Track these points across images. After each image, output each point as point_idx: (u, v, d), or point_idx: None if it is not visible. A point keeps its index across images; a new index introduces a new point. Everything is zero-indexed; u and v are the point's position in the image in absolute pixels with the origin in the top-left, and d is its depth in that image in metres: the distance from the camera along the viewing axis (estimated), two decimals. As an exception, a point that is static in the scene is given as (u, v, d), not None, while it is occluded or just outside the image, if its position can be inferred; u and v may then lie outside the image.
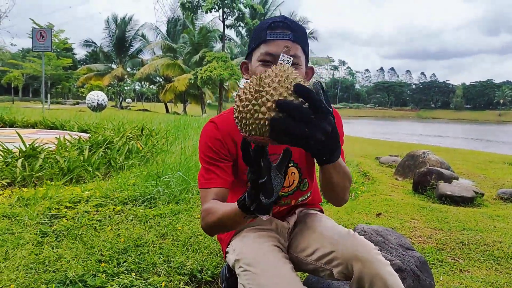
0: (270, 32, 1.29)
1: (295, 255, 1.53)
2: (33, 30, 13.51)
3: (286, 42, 1.27)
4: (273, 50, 1.28)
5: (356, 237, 1.41)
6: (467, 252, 2.88)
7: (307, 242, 1.50)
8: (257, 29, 1.36)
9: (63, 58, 41.91)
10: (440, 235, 3.19)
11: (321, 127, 0.82)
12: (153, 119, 11.52)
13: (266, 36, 1.30)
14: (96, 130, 7.64)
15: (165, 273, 2.07)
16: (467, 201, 4.50)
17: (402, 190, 5.24)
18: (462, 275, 2.51)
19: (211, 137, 1.44)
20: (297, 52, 1.30)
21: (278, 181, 0.96)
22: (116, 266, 2.08)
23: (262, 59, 1.31)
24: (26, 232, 2.47)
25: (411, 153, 6.58)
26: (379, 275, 1.27)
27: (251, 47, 1.38)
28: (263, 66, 1.31)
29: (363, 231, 2.19)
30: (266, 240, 1.50)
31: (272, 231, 1.57)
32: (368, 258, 1.30)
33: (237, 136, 1.45)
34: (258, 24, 1.39)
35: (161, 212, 3.01)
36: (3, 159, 4.30)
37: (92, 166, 4.49)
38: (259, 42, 1.32)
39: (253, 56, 1.36)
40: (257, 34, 1.34)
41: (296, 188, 1.53)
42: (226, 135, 1.44)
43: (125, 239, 2.45)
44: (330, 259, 1.39)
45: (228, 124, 1.45)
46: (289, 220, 1.62)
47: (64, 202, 3.10)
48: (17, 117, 9.99)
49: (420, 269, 1.90)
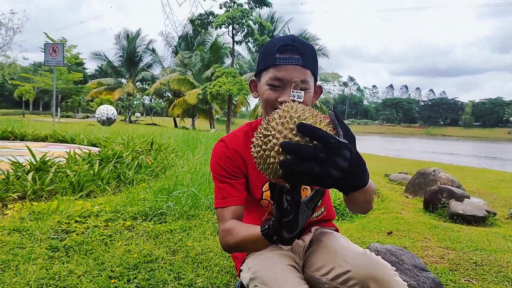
0: (279, 56, 1.29)
1: (310, 274, 1.51)
2: (46, 45, 13.72)
3: (295, 68, 1.28)
4: (282, 75, 1.29)
5: (373, 256, 1.39)
6: (480, 273, 2.83)
7: (323, 261, 1.49)
8: (267, 49, 1.35)
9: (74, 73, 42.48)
10: (453, 255, 3.14)
11: (334, 163, 0.78)
12: (162, 134, 11.57)
13: (276, 61, 1.29)
14: (105, 144, 7.69)
15: (175, 290, 2.06)
16: (479, 220, 4.43)
17: (412, 208, 5.19)
18: (477, 297, 2.46)
19: (221, 156, 1.47)
20: (306, 78, 1.30)
21: (305, 217, 0.96)
22: (127, 282, 2.07)
23: (270, 83, 1.32)
24: (37, 247, 2.47)
25: (421, 171, 6.53)
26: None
27: (260, 67, 1.38)
28: (271, 90, 1.32)
29: (376, 251, 2.16)
30: (282, 259, 1.49)
31: (288, 250, 1.56)
32: (385, 278, 1.28)
33: (245, 154, 1.47)
34: (267, 42, 1.37)
35: (171, 228, 3.00)
36: (14, 173, 4.32)
37: (102, 180, 4.50)
38: (268, 65, 1.32)
39: (262, 77, 1.37)
40: (266, 56, 1.33)
41: None
42: (235, 153, 1.47)
43: (136, 255, 2.43)
44: (346, 278, 1.37)
45: (236, 143, 1.49)
46: (305, 238, 1.61)
47: (75, 216, 3.10)
48: (28, 130, 10.09)
49: (435, 291, 1.86)
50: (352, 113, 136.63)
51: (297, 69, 1.28)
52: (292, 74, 1.28)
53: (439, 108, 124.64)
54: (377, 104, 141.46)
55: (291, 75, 1.28)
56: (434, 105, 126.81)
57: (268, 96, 1.34)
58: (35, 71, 55.24)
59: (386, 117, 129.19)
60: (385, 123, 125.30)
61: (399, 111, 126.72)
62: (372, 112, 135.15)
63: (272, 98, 1.33)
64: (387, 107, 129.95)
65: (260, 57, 1.37)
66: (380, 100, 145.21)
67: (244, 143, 1.49)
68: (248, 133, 1.52)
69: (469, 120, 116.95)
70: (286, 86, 1.29)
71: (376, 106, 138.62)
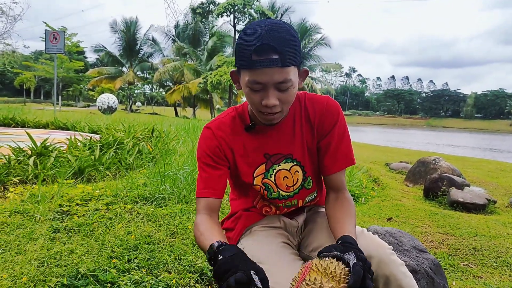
0: (256, 59, 1.17)
1: (307, 254, 1.51)
2: (46, 32, 13.64)
3: (274, 70, 1.18)
4: (261, 79, 1.20)
5: (370, 236, 1.39)
6: (480, 258, 2.84)
7: (319, 241, 1.48)
8: (241, 48, 1.21)
9: (75, 61, 42.37)
10: (452, 241, 3.15)
11: None
12: (163, 122, 11.56)
13: (252, 65, 1.18)
14: (107, 131, 7.68)
15: (175, 270, 2.07)
16: (479, 208, 4.44)
17: (413, 196, 5.20)
18: (475, 280, 2.48)
19: (208, 145, 1.44)
20: (287, 77, 1.21)
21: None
22: (127, 262, 2.08)
23: (250, 86, 1.24)
24: (38, 228, 2.48)
25: (422, 159, 6.53)
26: (393, 275, 1.25)
27: (237, 65, 1.27)
28: (253, 93, 1.26)
29: (375, 232, 2.17)
30: (276, 238, 1.50)
31: (281, 228, 1.56)
32: (382, 257, 1.28)
33: (232, 142, 1.45)
34: (242, 34, 1.23)
35: (171, 211, 3.01)
36: (15, 157, 4.33)
37: (103, 165, 4.51)
38: (245, 67, 1.22)
39: (241, 75, 1.27)
40: (242, 56, 1.21)
41: (300, 186, 1.51)
42: (222, 142, 1.44)
43: (136, 236, 2.45)
44: None
45: (223, 130, 1.45)
46: (298, 218, 1.61)
47: (76, 199, 3.11)
48: (29, 117, 10.09)
49: (434, 272, 1.87)
50: (353, 104, 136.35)
51: (276, 71, 1.18)
52: (271, 76, 1.19)
53: (440, 100, 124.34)
54: (378, 95, 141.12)
55: (270, 78, 1.19)
56: (435, 97, 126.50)
57: (251, 100, 1.28)
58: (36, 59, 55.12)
59: (387, 108, 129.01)
60: (386, 114, 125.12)
61: (401, 102, 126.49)
62: (374, 103, 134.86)
63: (256, 102, 1.27)
64: (389, 98, 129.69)
65: (236, 53, 1.25)
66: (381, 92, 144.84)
67: (232, 129, 1.46)
68: (235, 118, 1.48)
69: (470, 111, 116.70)
70: (268, 87, 1.22)
71: (378, 97, 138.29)
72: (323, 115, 1.44)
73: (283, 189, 1.50)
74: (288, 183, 1.49)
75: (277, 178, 1.48)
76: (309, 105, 1.45)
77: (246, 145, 1.46)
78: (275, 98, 1.24)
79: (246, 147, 1.46)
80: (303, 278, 1.05)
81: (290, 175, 1.48)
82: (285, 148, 1.46)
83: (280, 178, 1.48)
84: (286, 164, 1.47)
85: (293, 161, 1.47)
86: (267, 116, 1.30)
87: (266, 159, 1.46)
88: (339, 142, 1.44)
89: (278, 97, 1.24)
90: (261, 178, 1.48)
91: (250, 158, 1.46)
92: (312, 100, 1.46)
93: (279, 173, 1.47)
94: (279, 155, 1.46)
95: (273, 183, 1.48)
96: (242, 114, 1.47)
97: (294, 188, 1.51)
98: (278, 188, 1.49)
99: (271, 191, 1.50)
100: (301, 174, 1.49)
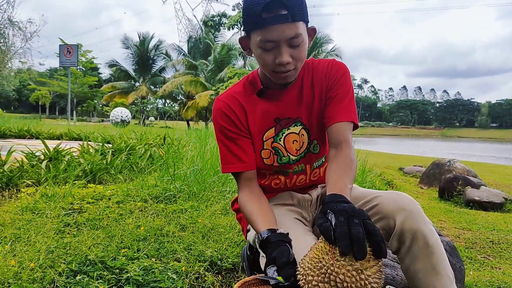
0: (266, 16, 1.19)
1: None
2: (61, 46, 13.91)
3: (284, 26, 1.20)
4: (272, 37, 1.22)
5: (401, 193, 1.38)
6: (498, 251, 2.77)
7: None
8: (250, 9, 1.22)
9: (89, 77, 42.99)
10: (469, 235, 3.07)
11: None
12: (175, 132, 11.62)
13: (263, 23, 1.20)
14: (119, 140, 7.72)
15: (185, 259, 2.04)
16: (496, 206, 4.34)
17: (427, 197, 5.11)
18: (493, 271, 2.40)
19: (223, 112, 1.45)
20: (298, 31, 1.23)
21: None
22: (136, 251, 2.06)
23: (262, 46, 1.25)
24: (49, 223, 2.48)
25: (436, 161, 6.44)
26: (421, 232, 1.23)
27: (246, 28, 1.29)
28: (265, 53, 1.27)
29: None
30: (288, 214, 1.48)
31: (293, 205, 1.54)
32: (413, 210, 1.26)
33: (245, 106, 1.46)
34: (247, 0, 1.24)
35: (182, 207, 2.99)
36: (28, 162, 4.37)
37: (114, 169, 4.52)
38: (255, 27, 1.24)
39: (251, 37, 1.29)
40: (251, 17, 1.23)
41: (306, 150, 1.50)
42: (235, 108, 1.45)
43: (145, 229, 2.43)
44: (373, 213, 1.35)
45: (235, 98, 1.47)
46: (312, 193, 1.58)
47: (87, 198, 3.11)
48: (43, 129, 10.21)
49: (450, 253, 1.81)
50: (365, 115, 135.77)
51: (287, 26, 1.20)
52: (283, 32, 1.21)
53: (454, 109, 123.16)
54: (391, 106, 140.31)
55: (282, 34, 1.21)
56: (449, 106, 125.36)
57: (264, 61, 1.29)
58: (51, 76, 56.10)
59: (400, 119, 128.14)
60: (399, 125, 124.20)
61: (414, 113, 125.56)
62: (386, 114, 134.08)
63: (269, 62, 1.28)
64: (401, 108, 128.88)
65: (244, 15, 1.27)
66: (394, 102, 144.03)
67: (243, 96, 1.47)
68: (245, 85, 1.49)
69: (485, 121, 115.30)
70: (280, 44, 1.23)
71: (390, 108, 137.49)
72: (328, 73, 1.43)
73: (293, 153, 1.49)
74: (297, 147, 1.49)
75: (286, 142, 1.47)
76: (316, 67, 1.46)
77: (257, 110, 1.46)
78: (288, 55, 1.25)
79: (257, 112, 1.46)
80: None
81: (299, 138, 1.48)
82: (294, 112, 1.46)
83: (289, 141, 1.47)
84: (295, 128, 1.47)
85: (302, 125, 1.47)
86: (281, 74, 1.30)
87: (276, 123, 1.46)
88: (343, 96, 1.41)
89: (291, 54, 1.25)
90: (271, 142, 1.47)
91: (260, 122, 1.46)
92: (319, 63, 1.47)
93: (288, 137, 1.47)
94: (289, 119, 1.46)
95: (283, 146, 1.48)
96: (253, 80, 1.48)
97: (300, 152, 1.50)
98: (288, 152, 1.48)
99: (281, 155, 1.49)
100: (306, 137, 1.48)
